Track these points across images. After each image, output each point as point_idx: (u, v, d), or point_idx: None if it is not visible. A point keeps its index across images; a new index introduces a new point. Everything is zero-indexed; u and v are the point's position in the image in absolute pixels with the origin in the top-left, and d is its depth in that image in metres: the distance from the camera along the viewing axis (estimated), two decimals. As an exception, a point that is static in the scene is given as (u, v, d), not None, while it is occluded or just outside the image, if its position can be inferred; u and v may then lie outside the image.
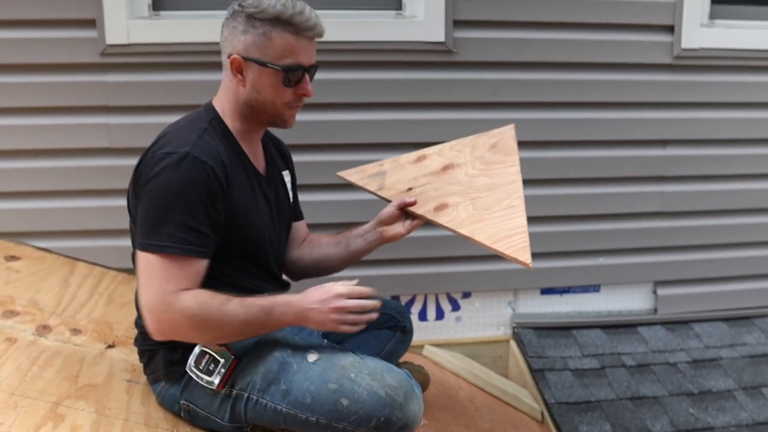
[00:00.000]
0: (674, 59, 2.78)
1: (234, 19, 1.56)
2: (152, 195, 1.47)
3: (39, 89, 2.46)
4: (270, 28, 1.53)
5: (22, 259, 2.41)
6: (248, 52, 1.54)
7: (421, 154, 2.10)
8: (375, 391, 1.51)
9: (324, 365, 1.56)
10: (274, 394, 1.54)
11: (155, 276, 1.46)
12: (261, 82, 1.57)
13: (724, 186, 2.93)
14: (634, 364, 2.69)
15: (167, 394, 1.67)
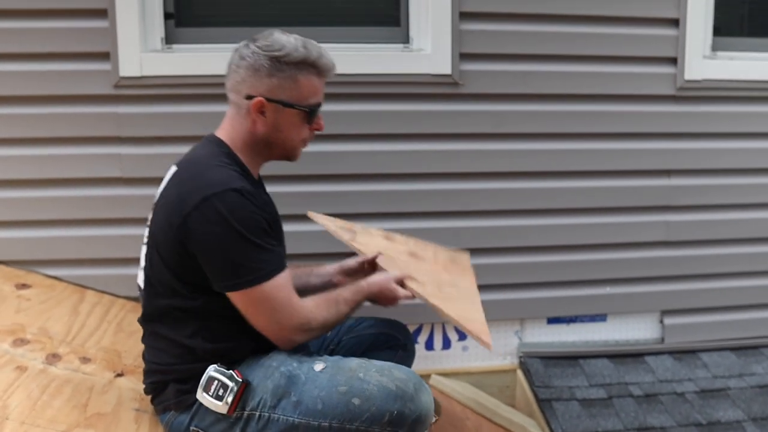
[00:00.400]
0: (677, 90, 2.81)
1: (254, 61, 1.60)
2: (221, 238, 1.51)
3: (53, 120, 2.51)
4: (296, 72, 1.61)
5: (32, 287, 2.44)
6: (273, 94, 1.61)
7: (389, 235, 2.22)
8: (385, 386, 1.53)
9: (332, 371, 1.59)
10: (285, 407, 1.56)
11: (271, 305, 1.57)
12: (283, 121, 1.65)
13: (729, 215, 2.94)
14: (642, 393, 2.68)
15: (176, 422, 1.67)
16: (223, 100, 2.50)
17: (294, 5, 2.76)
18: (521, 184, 2.76)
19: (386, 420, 1.52)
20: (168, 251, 1.59)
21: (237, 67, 1.64)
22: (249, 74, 1.62)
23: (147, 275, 1.69)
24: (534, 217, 2.79)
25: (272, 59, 1.59)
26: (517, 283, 2.81)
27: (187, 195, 1.54)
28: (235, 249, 1.51)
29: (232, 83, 1.66)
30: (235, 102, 1.66)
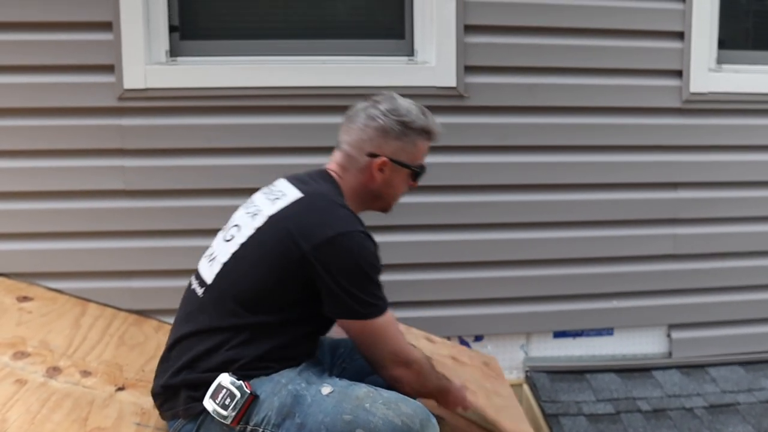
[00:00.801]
0: (683, 103, 2.80)
1: (384, 123, 1.74)
2: (350, 272, 1.59)
3: (56, 132, 2.50)
4: (417, 137, 1.78)
5: (34, 299, 2.42)
6: (396, 155, 1.75)
7: (430, 336, 2.42)
8: (390, 420, 1.50)
9: (338, 397, 1.55)
10: (288, 428, 1.53)
11: (385, 336, 1.65)
12: (397, 179, 1.79)
13: (737, 228, 2.91)
14: (650, 409, 2.64)
15: (183, 430, 1.64)
16: (227, 112, 2.56)
17: (299, 18, 2.77)
18: (527, 196, 2.75)
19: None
20: (273, 267, 1.61)
21: (365, 126, 1.75)
22: (378, 135, 1.74)
23: (221, 276, 1.67)
24: (539, 230, 2.77)
25: (401, 123, 1.75)
26: (523, 297, 2.78)
27: (319, 227, 1.61)
28: (360, 284, 1.60)
29: (355, 139, 1.76)
30: (353, 155, 1.76)
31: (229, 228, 1.77)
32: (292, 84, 2.58)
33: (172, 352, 1.69)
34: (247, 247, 1.66)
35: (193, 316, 1.69)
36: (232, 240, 1.71)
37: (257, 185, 2.57)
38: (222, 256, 1.70)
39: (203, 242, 2.56)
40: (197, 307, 1.69)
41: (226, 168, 2.58)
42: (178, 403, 1.64)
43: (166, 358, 1.71)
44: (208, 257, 1.77)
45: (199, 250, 2.55)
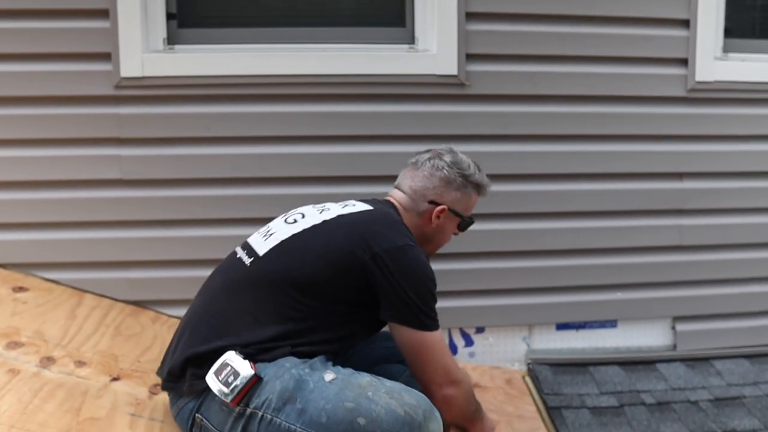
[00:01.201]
0: (688, 92, 2.76)
1: (449, 174, 1.88)
2: (416, 280, 1.67)
3: (52, 121, 2.47)
4: (472, 191, 1.93)
5: (29, 290, 2.39)
6: (453, 205, 1.90)
7: None
8: (393, 410, 1.48)
9: (341, 384, 1.53)
10: (289, 413, 1.50)
11: (438, 351, 1.72)
12: (448, 226, 1.93)
13: (743, 219, 2.87)
14: (654, 402, 2.60)
15: (185, 408, 1.63)
16: (226, 100, 2.53)
17: (298, 6, 2.73)
18: (529, 186, 2.71)
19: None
20: (335, 262, 1.65)
21: (431, 175, 1.89)
22: (441, 184, 1.88)
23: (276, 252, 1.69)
24: (542, 221, 2.73)
25: (462, 176, 1.90)
26: (525, 288, 2.74)
27: (389, 235, 1.69)
28: (422, 295, 1.67)
29: (420, 186, 1.89)
30: (415, 199, 1.88)
31: (293, 214, 1.83)
32: (291, 72, 2.54)
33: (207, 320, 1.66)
34: (311, 234, 1.71)
35: (236, 287, 1.69)
36: (295, 224, 1.76)
37: (256, 175, 2.57)
38: (281, 235, 1.73)
39: (201, 232, 2.58)
40: (243, 276, 1.70)
41: (224, 157, 2.55)
42: (183, 381, 1.62)
43: (197, 327, 1.67)
44: (263, 234, 1.80)
45: (197, 240, 2.56)
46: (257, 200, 2.56)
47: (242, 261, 1.74)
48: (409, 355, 1.72)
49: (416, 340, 1.68)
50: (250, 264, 1.71)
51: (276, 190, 2.57)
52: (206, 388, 1.55)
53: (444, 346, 1.76)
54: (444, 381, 1.72)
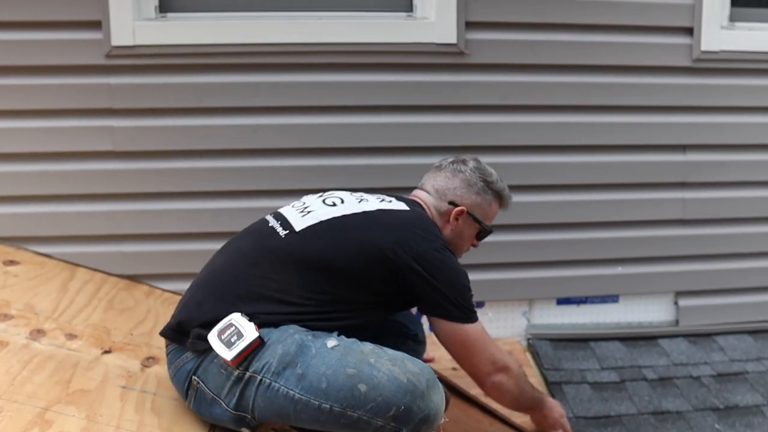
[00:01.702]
0: (693, 62, 2.70)
1: (470, 177, 1.91)
2: (454, 276, 1.71)
3: (42, 91, 2.42)
4: (492, 199, 1.94)
5: (21, 264, 2.35)
6: (472, 209, 1.90)
7: None
8: (396, 377, 1.44)
9: (343, 351, 1.49)
10: (288, 378, 1.46)
11: (487, 340, 1.79)
12: (467, 232, 1.92)
13: (748, 193, 2.82)
14: (656, 377, 2.57)
15: (183, 368, 1.59)
16: (219, 70, 2.48)
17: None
18: (530, 158, 2.66)
19: (391, 414, 1.42)
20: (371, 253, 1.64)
21: (452, 176, 1.92)
22: (462, 185, 1.90)
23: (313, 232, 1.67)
24: (543, 193, 2.68)
25: (484, 182, 1.92)
26: (525, 262, 2.70)
27: (428, 235, 1.71)
28: (461, 291, 1.72)
29: (441, 186, 1.91)
30: (436, 199, 1.90)
31: (330, 196, 1.81)
32: (285, 41, 2.49)
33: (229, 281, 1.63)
34: (352, 222, 1.70)
35: (267, 256, 1.65)
36: (335, 207, 1.74)
37: (250, 146, 2.52)
38: (319, 215, 1.71)
39: (195, 205, 2.53)
40: (275, 247, 1.66)
41: (217, 128, 2.50)
42: (187, 338, 1.59)
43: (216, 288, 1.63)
44: (299, 209, 1.77)
45: (190, 213, 2.52)
46: (251, 172, 2.51)
47: (275, 231, 1.70)
48: (453, 348, 1.77)
49: (459, 333, 1.73)
50: (285, 236, 1.67)
51: (270, 162, 2.53)
52: (207, 349, 1.52)
53: (487, 336, 1.79)
54: (491, 369, 1.78)
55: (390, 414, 1.42)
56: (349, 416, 1.44)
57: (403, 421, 1.43)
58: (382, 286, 1.67)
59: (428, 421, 1.45)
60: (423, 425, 1.45)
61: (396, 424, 1.44)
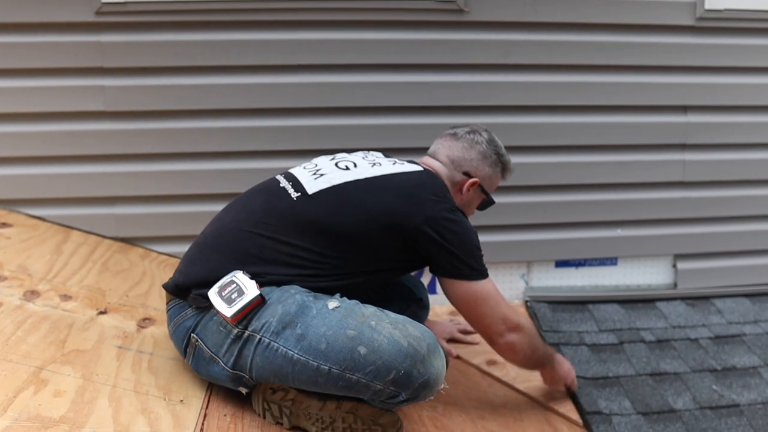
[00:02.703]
0: (697, 21, 2.64)
1: (485, 149, 1.94)
2: (465, 237, 1.72)
3: (30, 50, 2.35)
4: (500, 171, 1.99)
5: (13, 226, 2.32)
6: (484, 181, 1.94)
7: (452, 312, 2.40)
8: (396, 340, 1.43)
9: (344, 312, 1.48)
10: (288, 338, 1.46)
11: (499, 298, 1.79)
12: (474, 201, 1.96)
13: (749, 155, 2.79)
14: (654, 339, 2.56)
15: (182, 325, 1.59)
16: (213, 27, 2.41)
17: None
18: (529, 118, 2.61)
19: (391, 378, 1.41)
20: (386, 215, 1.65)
21: (470, 147, 1.93)
22: (479, 158, 1.93)
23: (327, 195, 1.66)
24: (543, 155, 2.65)
25: (497, 155, 1.96)
26: (524, 224, 2.68)
27: (439, 199, 1.71)
28: (471, 251, 1.73)
29: (458, 156, 1.92)
30: (450, 168, 1.91)
31: (342, 159, 1.80)
32: (281, -3, 2.42)
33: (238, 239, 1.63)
34: (365, 187, 1.69)
35: (278, 216, 1.64)
36: (348, 171, 1.73)
37: (245, 106, 2.47)
38: (332, 179, 1.70)
39: (189, 166, 2.49)
40: (287, 208, 1.65)
41: (212, 87, 2.44)
42: (188, 292, 1.59)
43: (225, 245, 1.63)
44: (311, 171, 1.75)
45: (185, 175, 2.48)
46: (246, 133, 2.47)
47: (287, 192, 1.69)
48: (465, 307, 1.77)
49: (470, 291, 1.74)
50: (297, 199, 1.66)
51: (267, 122, 2.48)
52: (207, 306, 1.51)
53: (498, 294, 1.79)
54: (503, 329, 1.79)
55: (389, 378, 1.41)
56: (348, 378, 1.43)
57: (403, 385, 1.42)
58: (394, 250, 1.69)
59: (428, 386, 1.45)
60: (422, 390, 1.45)
61: (395, 388, 1.43)
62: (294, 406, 1.54)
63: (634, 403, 2.26)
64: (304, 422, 1.56)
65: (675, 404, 2.27)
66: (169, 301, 1.66)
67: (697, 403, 2.29)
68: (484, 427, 1.95)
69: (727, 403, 2.31)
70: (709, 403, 2.30)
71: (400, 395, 1.44)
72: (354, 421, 1.52)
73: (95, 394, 1.47)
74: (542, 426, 2.07)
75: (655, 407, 2.25)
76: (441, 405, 2.00)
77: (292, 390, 1.54)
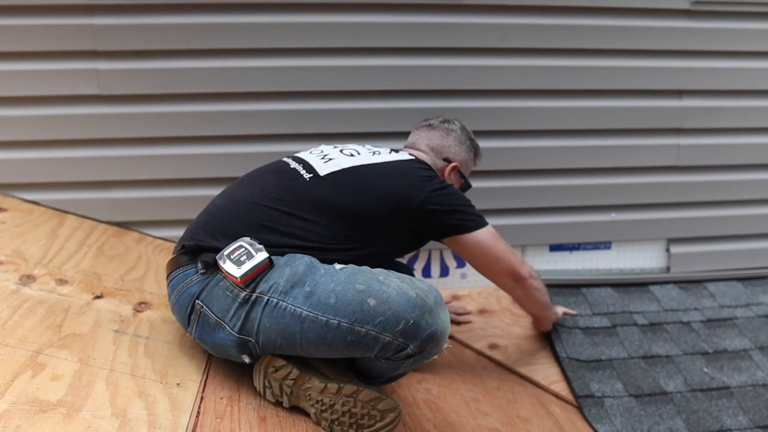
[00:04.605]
0: (692, 5, 2.64)
1: (460, 135, 2.11)
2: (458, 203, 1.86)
3: (22, 33, 2.33)
4: (474, 156, 2.16)
5: (8, 210, 2.31)
6: (462, 165, 2.08)
7: (454, 294, 2.63)
8: (405, 291, 1.46)
9: (352, 270, 1.54)
10: (296, 296, 1.49)
11: (501, 242, 1.94)
12: (455, 185, 2.04)
13: (743, 139, 2.80)
14: (646, 322, 2.59)
15: (187, 292, 1.60)
16: (208, 10, 2.39)
17: None
18: (524, 102, 2.61)
19: (400, 328, 1.43)
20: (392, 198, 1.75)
21: (446, 134, 2.09)
22: (455, 143, 2.09)
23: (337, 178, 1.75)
24: (537, 139, 2.65)
25: (470, 140, 2.14)
26: (518, 208, 2.69)
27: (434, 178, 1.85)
28: (464, 204, 1.88)
29: (437, 144, 2.07)
30: (431, 156, 2.05)
31: (346, 147, 1.90)
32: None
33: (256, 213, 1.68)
34: (373, 171, 1.79)
35: (292, 195, 1.70)
36: (353, 157, 1.83)
37: (240, 90, 2.46)
38: (341, 162, 1.79)
39: (184, 150, 2.49)
40: (300, 188, 1.72)
41: (206, 71, 2.43)
42: (196, 255, 1.62)
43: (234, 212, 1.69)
44: (319, 155, 1.85)
45: (180, 158, 2.48)
46: (241, 116, 2.46)
47: (299, 173, 1.77)
48: (475, 259, 1.93)
49: (475, 241, 1.88)
50: (310, 180, 1.74)
51: (263, 106, 2.47)
52: (214, 272, 1.55)
53: (502, 240, 1.94)
54: (523, 270, 1.99)
55: (398, 328, 1.43)
56: (357, 331, 1.44)
57: (411, 335, 1.44)
58: (399, 231, 1.80)
59: (435, 338, 1.46)
60: (430, 342, 1.47)
61: (404, 340, 1.45)
62: (295, 386, 1.56)
63: (626, 385, 2.28)
64: (303, 403, 1.57)
65: (667, 387, 2.30)
66: (171, 272, 1.66)
67: (688, 385, 2.32)
68: (478, 409, 1.98)
69: (718, 385, 2.33)
70: (700, 385, 2.33)
71: (408, 347, 1.45)
72: (353, 406, 1.53)
73: (92, 377, 1.48)
74: (535, 407, 2.10)
75: (647, 389, 2.28)
76: (435, 387, 2.02)
77: (294, 369, 1.55)
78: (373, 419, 1.54)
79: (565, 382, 2.25)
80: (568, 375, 2.28)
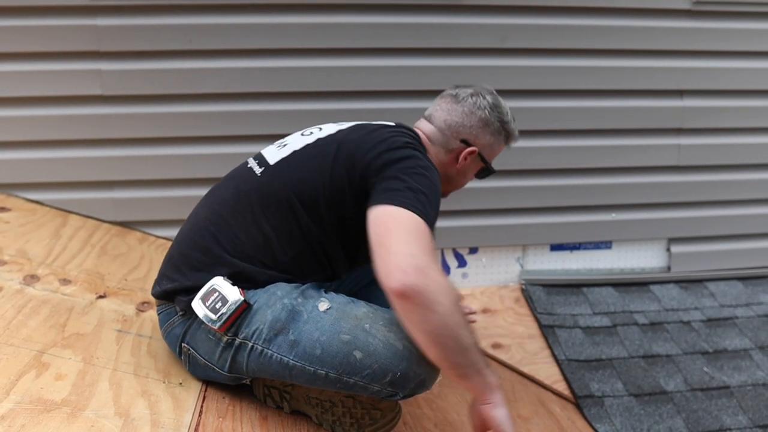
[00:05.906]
0: (693, 5, 2.65)
1: (487, 116, 1.72)
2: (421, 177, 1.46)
3: (26, 34, 2.34)
4: (503, 139, 1.78)
5: (12, 210, 2.33)
6: (483, 150, 1.74)
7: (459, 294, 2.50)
8: (391, 344, 1.41)
9: (336, 315, 1.44)
10: (281, 344, 1.43)
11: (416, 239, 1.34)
12: (471, 170, 1.78)
13: (744, 139, 2.81)
14: (647, 322, 2.60)
15: (172, 332, 1.58)
16: (209, 10, 2.39)
17: None
18: (525, 102, 2.62)
19: (388, 380, 1.41)
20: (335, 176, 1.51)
21: (471, 112, 1.72)
22: (480, 125, 1.72)
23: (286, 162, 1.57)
24: (538, 139, 2.66)
25: (501, 122, 1.74)
26: (520, 208, 2.70)
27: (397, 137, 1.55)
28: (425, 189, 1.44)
29: (456, 122, 1.71)
30: (446, 134, 1.72)
31: (311, 128, 1.70)
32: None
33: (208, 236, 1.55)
34: (322, 143, 1.58)
35: (245, 200, 1.55)
36: (311, 135, 1.64)
37: (242, 90, 2.47)
38: (294, 146, 1.62)
39: (187, 150, 2.50)
40: (253, 188, 1.56)
41: (208, 71, 2.44)
42: (174, 295, 1.55)
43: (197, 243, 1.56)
44: (278, 144, 1.68)
45: (182, 159, 2.49)
46: (243, 116, 2.47)
47: (253, 171, 1.61)
48: (374, 226, 1.38)
49: (381, 212, 1.38)
50: (261, 174, 1.59)
51: (263, 106, 2.49)
52: (193, 313, 1.48)
53: (421, 239, 1.34)
54: (398, 262, 1.29)
55: (386, 380, 1.41)
56: (345, 381, 1.43)
57: (400, 385, 1.43)
58: (355, 208, 1.50)
59: (424, 384, 1.45)
60: (420, 388, 1.46)
61: (392, 389, 1.43)
62: (294, 390, 1.56)
63: (627, 384, 2.29)
64: (304, 406, 1.58)
65: (667, 386, 2.31)
66: (159, 306, 1.65)
67: (688, 384, 2.33)
68: (478, 408, 1.98)
69: (717, 384, 2.35)
70: (700, 384, 2.34)
71: (397, 394, 1.46)
72: (354, 406, 1.54)
73: (96, 377, 1.49)
74: (536, 406, 2.11)
75: (647, 389, 2.29)
76: (436, 386, 2.03)
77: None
78: (374, 418, 1.55)
79: (565, 382, 2.26)
80: (567, 375, 2.29)
